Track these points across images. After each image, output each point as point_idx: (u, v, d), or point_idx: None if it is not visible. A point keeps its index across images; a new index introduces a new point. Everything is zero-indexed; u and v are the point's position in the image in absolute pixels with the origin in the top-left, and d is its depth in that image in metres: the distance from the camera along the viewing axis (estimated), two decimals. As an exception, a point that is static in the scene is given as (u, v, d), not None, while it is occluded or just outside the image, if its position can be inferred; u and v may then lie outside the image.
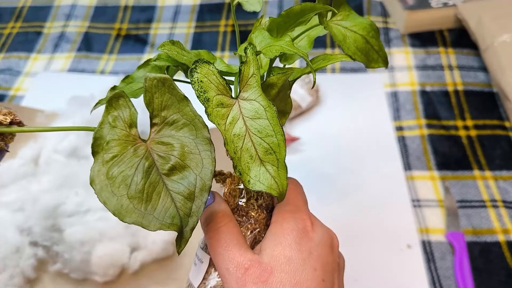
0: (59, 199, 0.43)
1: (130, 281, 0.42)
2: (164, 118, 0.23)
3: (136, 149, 0.22)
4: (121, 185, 0.21)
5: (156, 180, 0.22)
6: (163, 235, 0.42)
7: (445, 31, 0.62)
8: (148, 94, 0.23)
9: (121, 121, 0.22)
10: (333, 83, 0.58)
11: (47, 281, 0.42)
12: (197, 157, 0.23)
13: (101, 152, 0.21)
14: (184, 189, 0.22)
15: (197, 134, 0.23)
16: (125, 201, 0.21)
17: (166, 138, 0.23)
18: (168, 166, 0.22)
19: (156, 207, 0.22)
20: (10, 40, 0.70)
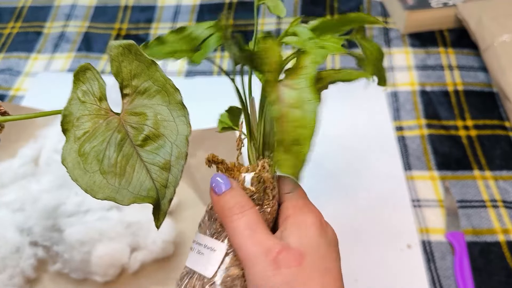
0: (59, 199, 0.43)
1: (130, 281, 0.42)
2: (136, 88, 0.22)
3: (108, 122, 0.21)
4: (93, 161, 0.21)
5: (129, 152, 0.21)
6: (163, 235, 0.42)
7: (445, 31, 0.62)
8: (115, 63, 0.22)
9: (90, 95, 0.22)
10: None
11: (47, 281, 0.42)
12: (172, 124, 0.22)
13: (71, 129, 0.21)
14: (160, 159, 0.21)
15: (170, 100, 0.22)
16: (97, 177, 0.21)
17: (139, 108, 0.22)
18: (141, 137, 0.21)
19: (130, 181, 0.21)
20: (10, 40, 0.70)
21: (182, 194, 0.47)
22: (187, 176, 0.47)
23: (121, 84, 0.22)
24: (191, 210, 0.46)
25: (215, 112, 0.57)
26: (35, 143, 0.50)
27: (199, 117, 0.57)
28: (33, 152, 0.49)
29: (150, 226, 0.42)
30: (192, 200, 0.46)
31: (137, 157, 0.21)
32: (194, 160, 0.47)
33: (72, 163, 0.20)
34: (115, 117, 0.22)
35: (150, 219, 0.43)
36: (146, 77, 0.22)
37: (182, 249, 0.43)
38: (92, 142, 0.21)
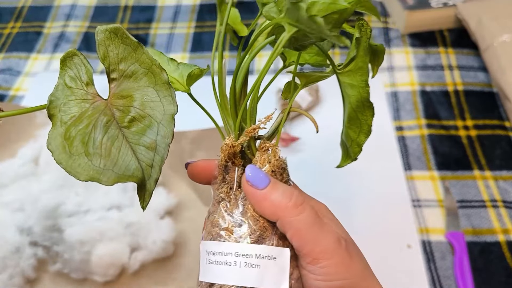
0: (59, 199, 0.43)
1: (130, 281, 0.42)
2: (123, 71, 0.22)
3: (95, 107, 0.21)
4: (78, 144, 0.21)
5: (115, 134, 0.21)
6: (163, 235, 0.42)
7: (445, 31, 0.62)
8: (102, 48, 0.22)
9: (77, 80, 0.22)
10: (333, 83, 0.58)
11: (47, 281, 0.42)
12: (158, 104, 0.22)
13: (57, 114, 0.21)
14: (146, 139, 0.21)
15: (156, 80, 0.22)
16: (82, 159, 0.21)
17: (126, 91, 0.22)
18: (128, 119, 0.21)
19: (115, 162, 0.21)
20: (10, 40, 0.70)
21: (182, 194, 0.47)
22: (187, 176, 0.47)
23: (108, 68, 0.22)
24: (191, 210, 0.46)
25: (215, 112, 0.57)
26: (35, 143, 0.50)
27: (199, 117, 0.57)
28: (33, 152, 0.49)
29: (150, 227, 0.42)
30: (192, 201, 0.46)
31: (123, 138, 0.21)
32: (193, 160, 0.47)
33: (57, 147, 0.21)
34: (102, 101, 0.22)
35: (150, 219, 0.43)
36: (133, 60, 0.22)
37: (182, 249, 0.43)
38: (78, 126, 0.21)
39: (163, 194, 0.45)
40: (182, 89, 0.27)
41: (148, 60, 0.22)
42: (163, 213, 0.44)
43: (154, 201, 0.44)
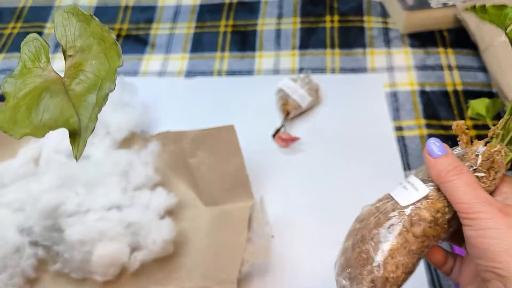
0: (59, 199, 0.43)
1: (130, 280, 0.42)
2: (79, 48, 0.23)
3: (47, 79, 0.23)
4: (24, 111, 0.22)
5: (59, 96, 0.22)
6: (163, 235, 0.42)
7: (444, 31, 0.62)
8: (59, 28, 0.23)
9: (36, 61, 0.23)
10: (333, 83, 0.58)
11: (47, 281, 0.42)
12: (105, 64, 0.23)
13: (11, 91, 0.22)
14: (88, 96, 0.22)
15: (106, 44, 0.23)
16: (23, 122, 0.22)
17: (78, 62, 0.23)
18: (75, 82, 0.22)
19: (55, 118, 0.22)
20: (11, 41, 0.70)
21: (182, 194, 0.47)
22: (187, 176, 0.48)
23: (65, 46, 0.23)
24: (191, 210, 0.46)
25: (215, 112, 0.57)
26: (36, 143, 0.50)
27: (199, 117, 0.57)
28: (33, 152, 0.49)
29: (150, 226, 0.42)
30: (192, 200, 0.47)
31: (67, 99, 0.22)
32: (193, 160, 0.47)
33: (4, 118, 0.22)
34: (56, 75, 0.23)
35: (150, 219, 0.43)
36: (87, 33, 0.23)
37: (182, 248, 0.43)
38: (27, 97, 0.22)
39: (163, 194, 0.45)
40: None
41: (99, 29, 0.23)
42: (163, 213, 0.44)
43: (154, 201, 0.45)
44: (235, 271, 0.39)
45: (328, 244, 0.44)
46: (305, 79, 0.55)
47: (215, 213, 0.45)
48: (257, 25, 0.67)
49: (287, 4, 0.69)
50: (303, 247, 0.44)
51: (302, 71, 0.60)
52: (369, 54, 0.61)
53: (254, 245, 0.41)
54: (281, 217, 0.46)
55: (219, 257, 0.41)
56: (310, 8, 0.68)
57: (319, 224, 0.45)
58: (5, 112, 0.22)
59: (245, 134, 0.47)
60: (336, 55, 0.62)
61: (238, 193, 0.45)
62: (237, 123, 0.46)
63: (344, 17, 0.66)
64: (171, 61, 0.64)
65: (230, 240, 0.42)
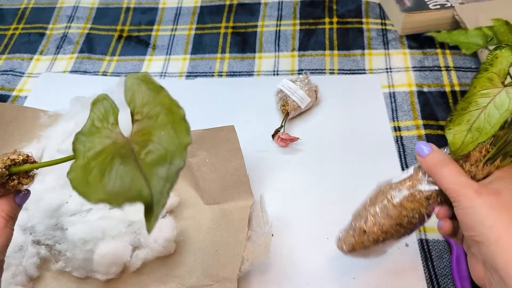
0: (61, 198, 0.43)
1: (132, 279, 0.42)
2: (146, 113, 0.24)
3: (117, 143, 0.23)
4: (96, 173, 0.22)
5: (130, 164, 0.23)
6: (165, 233, 0.42)
7: (442, 32, 0.63)
8: (129, 93, 0.24)
9: (104, 121, 0.24)
10: (332, 84, 0.58)
11: (50, 279, 0.42)
12: (174, 138, 0.23)
13: (82, 149, 0.23)
14: (159, 169, 0.23)
15: (174, 118, 0.24)
16: (97, 185, 0.22)
17: (146, 129, 0.24)
18: (145, 151, 0.23)
19: (128, 189, 0.22)
20: (13, 41, 0.71)
21: (183, 193, 0.47)
22: (188, 175, 0.48)
23: (132, 110, 0.24)
24: (191, 209, 0.46)
25: (215, 112, 0.57)
26: (38, 143, 0.50)
27: (200, 117, 0.58)
28: (36, 152, 0.49)
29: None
30: (192, 200, 0.47)
31: (138, 168, 0.23)
32: (194, 159, 0.48)
33: (76, 176, 0.23)
34: (123, 138, 0.24)
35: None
36: (155, 102, 0.24)
37: (183, 247, 0.44)
38: (98, 158, 0.23)
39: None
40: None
41: (168, 101, 0.24)
42: (164, 211, 0.44)
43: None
44: (235, 270, 0.40)
45: (327, 243, 0.44)
46: (304, 80, 0.56)
47: (216, 212, 0.45)
48: (257, 27, 0.67)
49: (286, 6, 0.70)
50: (302, 245, 0.44)
51: (301, 72, 0.61)
52: (367, 55, 0.62)
53: (254, 243, 0.41)
54: (281, 216, 0.46)
55: (220, 256, 0.41)
56: (310, 10, 0.69)
57: (318, 223, 0.46)
58: (77, 170, 0.22)
59: (245, 134, 0.48)
60: (335, 56, 0.62)
61: (238, 193, 0.45)
62: (237, 123, 0.47)
63: (342, 19, 0.67)
64: (172, 62, 0.65)
65: (231, 238, 0.42)
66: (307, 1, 0.70)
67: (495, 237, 0.27)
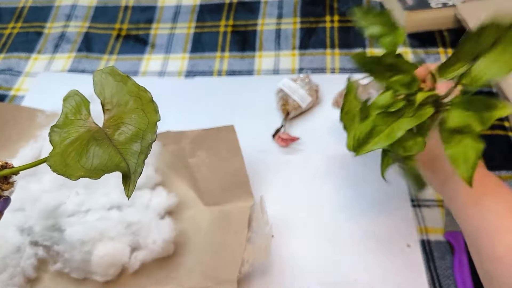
0: (59, 199, 0.43)
1: (130, 280, 0.42)
2: (116, 103, 0.27)
3: (90, 130, 0.26)
4: (74, 156, 0.25)
5: (105, 144, 0.26)
6: (164, 235, 0.42)
7: (444, 31, 0.62)
8: (97, 86, 0.27)
9: (77, 114, 0.26)
10: (333, 83, 0.58)
11: (48, 281, 0.42)
12: (144, 118, 0.26)
13: (57, 139, 0.25)
14: (133, 145, 0.26)
15: (143, 101, 0.26)
16: (75, 165, 0.25)
17: (117, 115, 0.26)
18: (117, 132, 0.26)
19: (105, 163, 0.25)
20: (11, 40, 0.70)
21: (182, 194, 0.47)
22: (187, 176, 0.48)
23: (103, 101, 0.27)
24: (191, 210, 0.46)
25: (215, 112, 0.57)
26: (36, 143, 0.50)
27: (199, 117, 0.57)
28: (33, 152, 0.49)
29: (150, 226, 0.42)
30: (192, 200, 0.47)
31: (112, 146, 0.26)
32: (194, 160, 0.47)
33: (55, 162, 0.25)
34: (96, 126, 0.26)
35: (150, 219, 0.43)
36: (124, 92, 0.27)
37: (182, 248, 0.43)
38: (74, 144, 0.25)
39: (163, 194, 0.45)
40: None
41: (135, 89, 0.27)
42: (163, 213, 0.44)
43: (154, 201, 0.45)
44: (235, 271, 0.39)
45: (327, 244, 0.44)
46: (305, 79, 0.55)
47: (215, 213, 0.45)
48: (257, 25, 0.67)
49: (287, 4, 0.69)
50: (303, 246, 0.44)
51: (302, 71, 0.60)
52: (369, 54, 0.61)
53: (254, 245, 0.41)
54: (281, 217, 0.46)
55: (219, 257, 0.41)
56: (310, 8, 0.68)
57: (318, 224, 0.45)
58: (55, 157, 0.25)
59: (245, 134, 0.47)
60: (336, 55, 0.62)
61: (238, 193, 0.45)
62: (237, 123, 0.46)
63: (344, 17, 0.66)
64: (171, 61, 0.64)
65: (230, 240, 0.42)
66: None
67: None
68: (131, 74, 0.63)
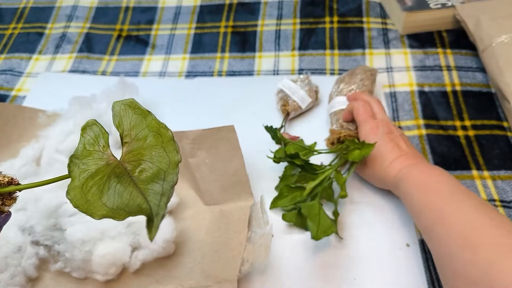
0: (60, 198, 0.43)
1: (131, 280, 0.42)
2: (135, 136, 0.26)
3: (110, 163, 0.25)
4: (95, 192, 0.24)
5: (126, 182, 0.25)
6: (164, 234, 0.42)
7: (443, 32, 0.63)
8: (117, 118, 0.26)
9: (96, 145, 0.26)
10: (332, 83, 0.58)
11: (49, 280, 0.42)
12: (164, 157, 0.26)
13: (76, 170, 0.25)
14: (154, 185, 0.25)
15: (163, 139, 0.26)
16: (97, 203, 0.24)
17: (136, 150, 0.26)
18: (138, 170, 0.25)
19: (127, 204, 0.25)
20: (12, 41, 0.70)
21: (182, 194, 0.47)
22: (187, 176, 0.48)
23: (121, 134, 0.26)
24: (191, 209, 0.46)
25: (215, 112, 0.57)
26: (37, 143, 0.50)
27: (199, 117, 0.57)
28: (34, 152, 0.49)
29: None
30: (192, 200, 0.47)
31: (133, 185, 0.25)
32: (194, 160, 0.47)
33: (75, 195, 0.24)
34: (115, 159, 0.26)
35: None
36: (143, 126, 0.26)
37: (183, 248, 0.43)
38: (95, 178, 0.25)
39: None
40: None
41: (156, 125, 0.26)
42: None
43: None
44: (235, 271, 0.39)
45: (328, 243, 0.44)
46: (305, 80, 0.56)
47: (216, 213, 0.45)
48: (257, 26, 0.67)
49: (287, 5, 0.70)
50: (303, 246, 0.44)
51: (302, 72, 0.60)
52: (368, 55, 0.61)
53: (254, 244, 0.41)
54: (281, 216, 0.46)
55: (219, 257, 0.41)
56: (310, 9, 0.69)
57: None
58: (75, 191, 0.24)
59: (245, 134, 0.48)
60: (336, 56, 0.62)
61: (238, 193, 0.45)
62: (237, 123, 0.47)
63: (343, 18, 0.67)
64: (171, 62, 0.65)
65: (230, 239, 0.42)
66: (308, 0, 0.70)
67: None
68: (132, 75, 0.63)
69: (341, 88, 0.54)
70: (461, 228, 0.33)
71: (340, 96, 0.53)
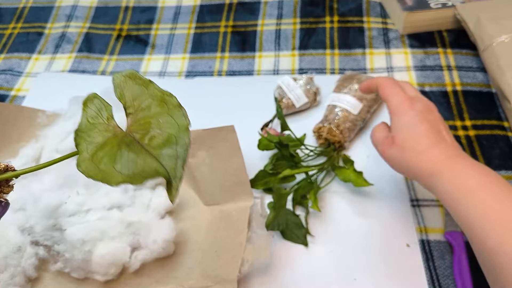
0: (60, 198, 0.43)
1: (131, 280, 0.42)
2: (138, 106, 0.26)
3: (117, 134, 0.25)
4: (107, 162, 0.24)
5: (138, 149, 0.25)
6: (164, 234, 0.42)
7: (444, 31, 0.63)
8: (118, 89, 0.26)
9: (99, 117, 0.25)
10: (333, 83, 0.58)
11: (48, 280, 0.42)
12: (173, 123, 0.25)
13: (83, 143, 0.24)
14: (167, 150, 0.25)
15: (168, 106, 0.26)
16: (112, 171, 0.24)
17: (143, 119, 0.25)
18: (148, 137, 0.25)
19: (143, 169, 0.25)
20: (11, 41, 0.70)
21: (182, 194, 0.47)
22: (187, 176, 0.48)
23: (124, 105, 0.26)
24: (191, 209, 0.46)
25: (215, 112, 0.57)
26: (36, 143, 0.50)
27: (199, 117, 0.57)
28: (34, 152, 0.49)
29: (150, 226, 0.42)
30: (192, 200, 0.47)
31: (146, 152, 0.25)
32: (194, 160, 0.47)
33: (87, 167, 0.24)
34: (121, 130, 0.25)
35: (150, 218, 0.43)
36: (146, 96, 0.26)
37: (183, 248, 0.43)
38: (104, 148, 0.24)
39: (163, 194, 0.45)
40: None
41: (159, 93, 0.26)
42: (163, 212, 0.44)
43: (154, 201, 0.45)
44: (235, 271, 0.39)
45: (328, 243, 0.44)
46: (308, 80, 0.55)
47: (215, 213, 0.45)
48: (257, 26, 0.67)
49: (287, 5, 0.70)
50: (302, 246, 0.44)
51: (306, 72, 0.60)
52: (368, 54, 0.61)
53: (254, 244, 0.41)
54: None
55: (219, 257, 0.41)
56: (310, 8, 0.69)
57: (318, 224, 0.46)
58: (86, 162, 0.24)
59: (245, 134, 0.47)
60: (336, 55, 0.62)
61: (238, 193, 0.45)
62: (237, 123, 0.47)
63: (343, 17, 0.66)
64: (171, 62, 0.64)
65: (230, 239, 0.42)
66: (308, 0, 0.70)
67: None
68: (132, 75, 0.63)
69: (349, 88, 0.54)
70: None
71: (346, 95, 0.53)
